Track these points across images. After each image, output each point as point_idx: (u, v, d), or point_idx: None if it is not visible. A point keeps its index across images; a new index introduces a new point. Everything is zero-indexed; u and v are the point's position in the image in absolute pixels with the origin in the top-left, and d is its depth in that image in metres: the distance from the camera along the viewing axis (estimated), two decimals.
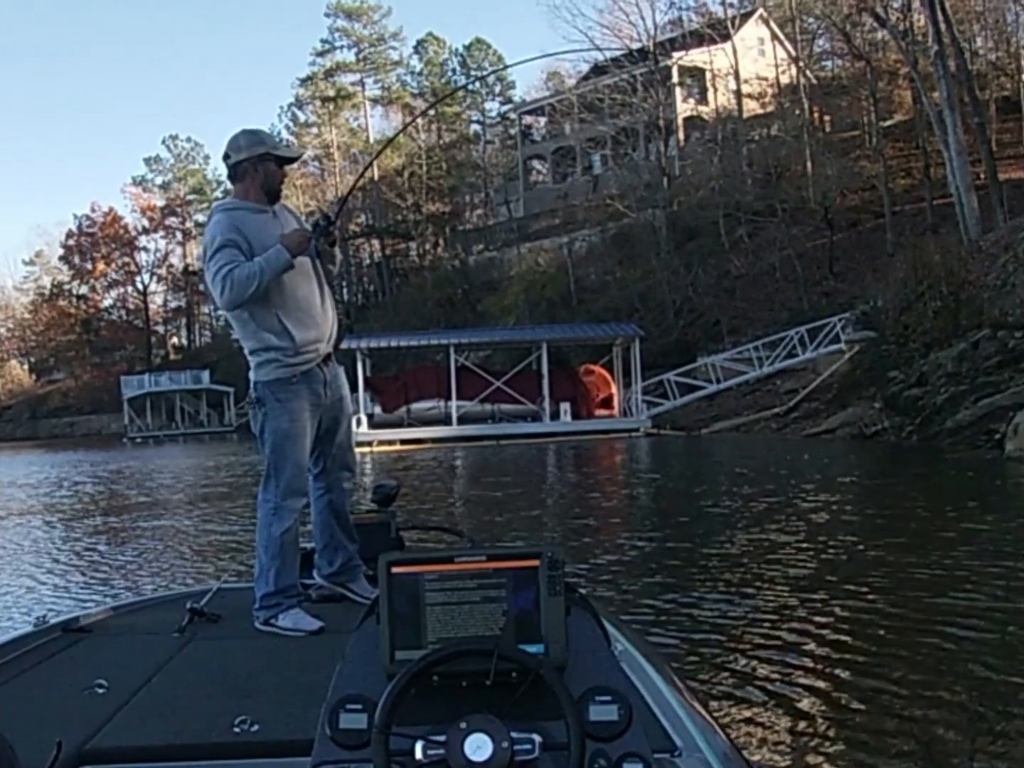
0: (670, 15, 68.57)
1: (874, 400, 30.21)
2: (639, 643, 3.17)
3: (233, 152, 4.52)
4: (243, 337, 4.52)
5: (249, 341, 4.49)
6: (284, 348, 4.41)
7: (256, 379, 4.48)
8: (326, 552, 4.64)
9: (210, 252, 4.37)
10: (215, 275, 4.31)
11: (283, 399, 4.43)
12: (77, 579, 13.00)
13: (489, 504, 19.94)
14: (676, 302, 51.29)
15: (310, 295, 4.52)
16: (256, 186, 4.50)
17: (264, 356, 4.44)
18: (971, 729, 5.79)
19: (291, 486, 4.45)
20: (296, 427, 4.44)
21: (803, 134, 54.60)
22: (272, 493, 4.45)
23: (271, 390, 4.43)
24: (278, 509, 4.42)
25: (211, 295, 4.45)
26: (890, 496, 17.48)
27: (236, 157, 4.51)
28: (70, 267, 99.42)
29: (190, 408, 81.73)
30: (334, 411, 4.64)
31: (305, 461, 4.52)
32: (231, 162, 4.53)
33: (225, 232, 4.36)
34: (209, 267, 4.36)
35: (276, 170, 4.54)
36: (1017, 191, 41.18)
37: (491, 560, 2.13)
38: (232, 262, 4.30)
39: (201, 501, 22.52)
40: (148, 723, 2.71)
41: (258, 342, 4.44)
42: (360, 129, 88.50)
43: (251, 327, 4.44)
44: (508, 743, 1.88)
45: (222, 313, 27.80)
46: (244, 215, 4.46)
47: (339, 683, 2.13)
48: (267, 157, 4.50)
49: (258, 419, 4.48)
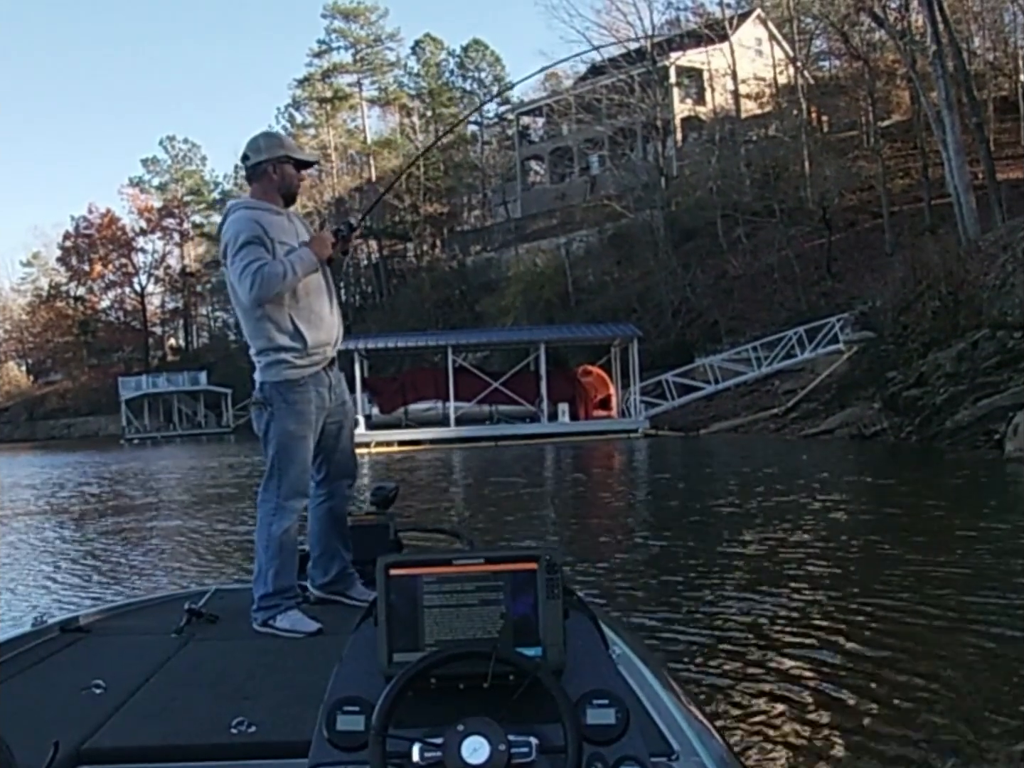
0: (667, 15, 68.83)
1: (873, 400, 30.19)
2: (637, 646, 3.17)
3: (252, 153, 4.57)
4: (253, 337, 4.50)
5: (259, 341, 4.48)
6: (295, 349, 4.43)
7: (263, 379, 4.47)
8: (321, 560, 4.60)
9: (234, 247, 4.37)
10: (244, 270, 4.31)
11: (290, 400, 4.43)
12: (97, 579, 12.92)
13: (494, 504, 19.88)
14: (674, 302, 51.27)
15: (321, 299, 4.55)
16: (274, 188, 4.54)
17: (274, 356, 4.43)
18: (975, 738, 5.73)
19: (294, 487, 4.44)
20: (302, 428, 4.44)
21: (801, 134, 54.63)
22: (273, 492, 4.44)
23: (279, 391, 4.43)
24: (279, 509, 4.41)
25: (234, 290, 4.45)
26: (898, 496, 17.39)
27: (255, 158, 4.55)
28: (67, 268, 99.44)
29: (188, 409, 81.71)
30: (337, 415, 4.65)
31: (309, 463, 4.52)
32: (250, 163, 4.57)
33: (250, 229, 4.37)
34: (235, 262, 4.35)
35: (294, 173, 4.59)
36: (1015, 191, 41.12)
37: (489, 563, 2.14)
38: (261, 259, 4.32)
39: (212, 502, 22.43)
40: (146, 723, 2.70)
41: (268, 342, 4.44)
42: (357, 130, 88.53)
43: (264, 326, 4.44)
44: (505, 746, 1.88)
45: (220, 314, 27.68)
46: (264, 214, 4.47)
47: (337, 685, 2.14)
48: (285, 160, 4.55)
49: (263, 419, 4.47)
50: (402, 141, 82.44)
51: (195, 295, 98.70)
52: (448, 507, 19.86)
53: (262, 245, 4.36)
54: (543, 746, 1.93)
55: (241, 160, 4.65)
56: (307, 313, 4.46)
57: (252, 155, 4.56)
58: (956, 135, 34.60)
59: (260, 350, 4.47)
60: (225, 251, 4.44)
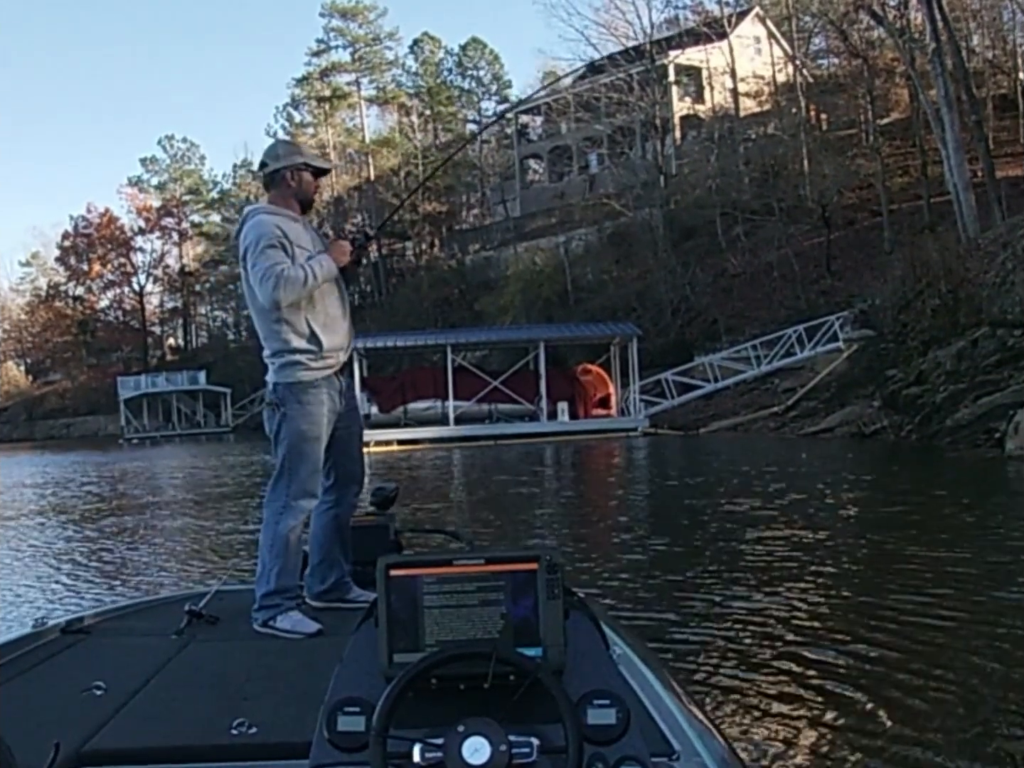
0: (666, 13, 68.70)
1: (873, 399, 30.16)
2: (638, 646, 3.18)
3: (271, 160, 4.65)
4: (268, 338, 4.55)
5: (275, 343, 4.53)
6: (310, 352, 4.49)
7: (276, 380, 4.51)
8: (320, 568, 4.60)
9: (255, 251, 4.42)
10: (265, 273, 4.36)
11: (303, 401, 4.47)
12: (100, 580, 12.87)
13: (494, 504, 19.86)
14: (673, 301, 51.18)
15: (337, 305, 4.63)
16: (291, 194, 4.62)
17: (288, 358, 4.48)
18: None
19: (303, 486, 4.48)
20: (313, 429, 4.49)
21: (800, 132, 54.55)
22: (282, 492, 4.47)
23: (292, 392, 4.48)
24: (287, 507, 4.44)
25: (252, 292, 4.50)
26: (904, 494, 17.26)
27: (274, 165, 4.63)
28: (66, 268, 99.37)
29: (187, 409, 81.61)
30: (347, 420, 4.71)
31: (320, 464, 4.55)
32: (268, 170, 4.65)
33: (271, 233, 4.43)
34: (256, 265, 4.41)
35: (311, 180, 4.68)
36: (1015, 189, 41.05)
37: (490, 563, 2.15)
38: (282, 262, 4.39)
39: (215, 501, 22.37)
40: (146, 725, 2.71)
41: (284, 344, 4.49)
42: (356, 129, 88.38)
43: (280, 329, 4.49)
44: (506, 746, 1.89)
45: (219, 314, 27.67)
46: (284, 220, 4.53)
47: (337, 685, 2.15)
48: (303, 167, 4.64)
49: (275, 420, 4.51)
50: (400, 140, 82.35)
51: (194, 294, 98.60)
52: (447, 507, 19.80)
53: (283, 249, 4.43)
54: (544, 746, 1.93)
55: (259, 167, 4.77)
56: (323, 317, 4.52)
57: (270, 162, 4.65)
58: (955, 133, 34.55)
59: (275, 352, 4.52)
60: (244, 254, 4.49)
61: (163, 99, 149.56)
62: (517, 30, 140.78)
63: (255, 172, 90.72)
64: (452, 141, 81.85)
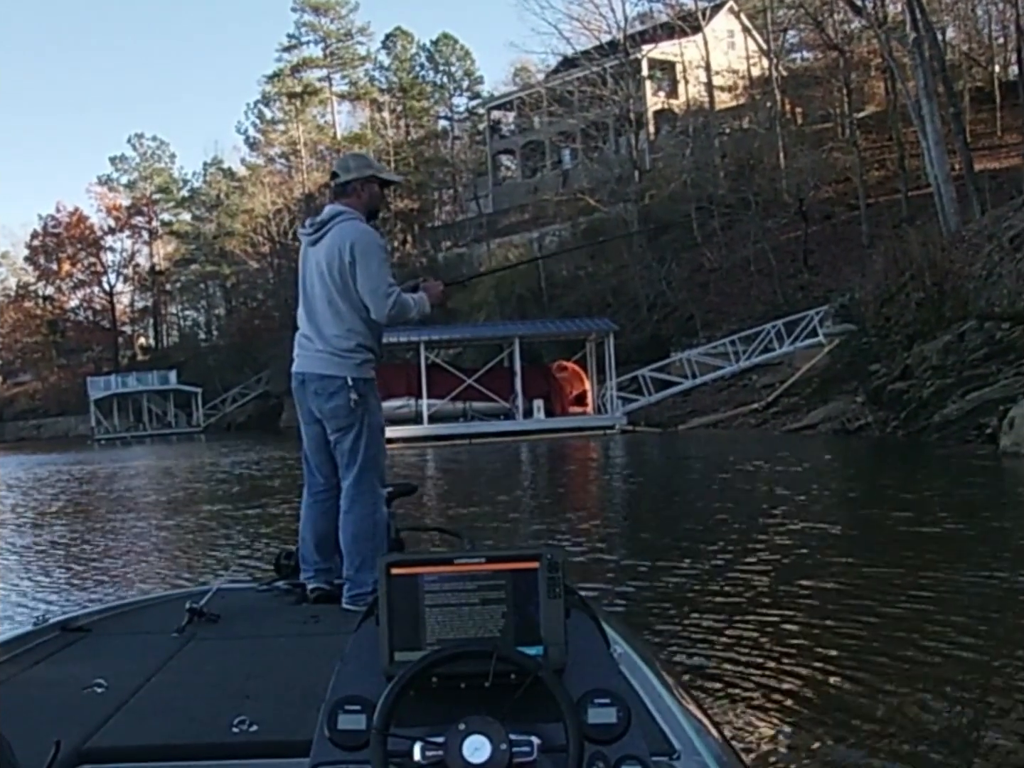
0: (640, 7, 68.60)
1: (856, 394, 29.89)
2: (638, 645, 3.22)
3: (342, 172, 4.95)
4: (347, 336, 4.83)
5: (352, 339, 4.83)
6: (374, 352, 4.94)
7: (358, 376, 4.82)
8: (323, 547, 4.87)
9: (377, 259, 4.82)
10: (388, 289, 4.78)
11: (376, 396, 4.94)
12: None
13: (472, 504, 19.48)
14: (649, 296, 50.99)
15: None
16: (361, 204, 4.92)
17: (365, 355, 4.87)
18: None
19: (383, 476, 4.93)
20: (383, 422, 4.98)
21: (775, 126, 54.52)
22: (373, 484, 4.82)
23: (370, 388, 4.88)
24: (379, 497, 4.83)
25: (349, 288, 4.79)
26: (906, 493, 16.68)
27: (345, 177, 4.93)
28: (35, 268, 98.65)
29: (158, 409, 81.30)
30: None
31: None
32: (340, 181, 4.94)
33: (385, 249, 4.90)
34: (378, 275, 4.78)
35: (379, 192, 5.03)
36: (993, 182, 40.91)
37: (491, 562, 2.13)
38: (395, 283, 4.85)
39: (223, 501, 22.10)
40: (147, 723, 2.72)
41: (362, 340, 4.85)
42: (327, 125, 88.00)
43: (364, 328, 4.84)
44: (507, 745, 1.90)
45: (190, 313, 27.21)
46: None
47: (338, 684, 2.14)
48: (373, 179, 4.97)
49: (357, 414, 4.80)
50: (372, 136, 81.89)
51: (164, 294, 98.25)
52: (431, 506, 19.30)
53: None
54: (544, 745, 1.94)
55: (331, 178, 5.06)
56: (377, 327, 4.93)
57: (342, 174, 4.94)
58: (936, 124, 34.52)
59: (354, 347, 4.83)
60: (352, 250, 4.74)
61: (132, 97, 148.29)
62: (489, 24, 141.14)
63: (224, 170, 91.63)
64: (424, 137, 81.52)
